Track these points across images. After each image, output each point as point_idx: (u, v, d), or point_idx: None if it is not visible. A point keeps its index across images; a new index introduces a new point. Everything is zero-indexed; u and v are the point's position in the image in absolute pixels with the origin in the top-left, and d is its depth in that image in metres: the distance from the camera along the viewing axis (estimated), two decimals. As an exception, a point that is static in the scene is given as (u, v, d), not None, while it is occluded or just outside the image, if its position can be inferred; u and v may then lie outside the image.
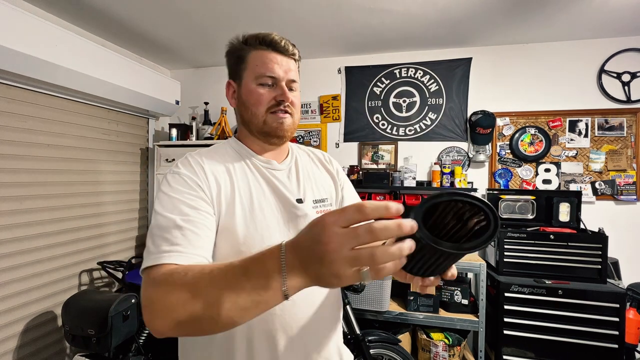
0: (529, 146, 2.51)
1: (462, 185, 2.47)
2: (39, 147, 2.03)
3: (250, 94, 0.74)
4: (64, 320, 1.79)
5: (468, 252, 0.42)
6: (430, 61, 2.67)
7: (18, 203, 1.92)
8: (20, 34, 1.66)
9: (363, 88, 2.80)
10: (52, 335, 2.11)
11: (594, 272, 2.06)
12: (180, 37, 2.47)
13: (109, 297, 1.81)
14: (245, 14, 2.12)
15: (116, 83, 2.24)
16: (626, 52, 2.36)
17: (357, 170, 2.67)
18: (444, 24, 2.22)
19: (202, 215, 0.65)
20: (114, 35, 2.43)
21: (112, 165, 2.55)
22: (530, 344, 2.01)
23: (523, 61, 2.52)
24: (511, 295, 2.04)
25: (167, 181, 0.69)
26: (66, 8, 2.05)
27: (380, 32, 2.36)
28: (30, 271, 1.99)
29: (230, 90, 0.80)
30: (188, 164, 0.72)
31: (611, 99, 2.40)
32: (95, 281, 2.43)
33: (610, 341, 1.91)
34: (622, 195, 2.37)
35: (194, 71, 3.19)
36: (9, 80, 1.82)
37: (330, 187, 0.89)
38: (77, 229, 2.28)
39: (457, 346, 2.10)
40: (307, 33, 2.39)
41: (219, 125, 2.77)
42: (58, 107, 2.14)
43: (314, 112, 2.91)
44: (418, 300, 2.19)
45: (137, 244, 2.82)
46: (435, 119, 2.67)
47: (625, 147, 2.38)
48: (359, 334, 1.69)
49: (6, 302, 1.86)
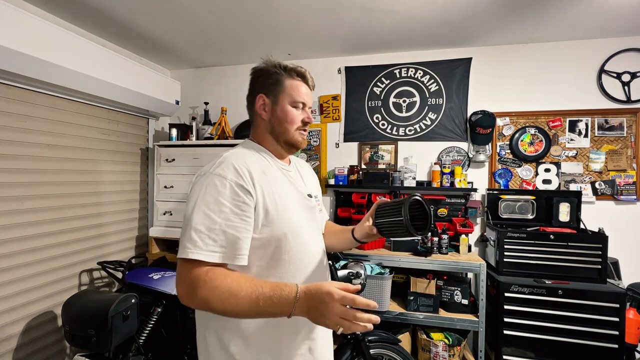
0: (529, 146, 2.51)
1: (462, 185, 2.47)
2: (39, 147, 2.04)
3: (286, 113, 0.94)
4: (64, 320, 1.79)
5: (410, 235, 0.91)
6: (430, 61, 2.67)
7: (18, 203, 1.92)
8: (21, 34, 1.66)
9: (363, 88, 2.80)
10: (52, 335, 2.11)
11: (594, 272, 2.06)
12: (180, 37, 2.48)
13: (109, 297, 1.81)
14: (245, 14, 2.12)
15: (116, 83, 2.24)
16: (626, 52, 2.36)
17: (357, 170, 2.67)
18: (444, 24, 2.22)
19: (244, 221, 0.80)
20: (114, 35, 2.43)
21: (112, 165, 2.55)
22: (530, 344, 2.01)
23: (523, 61, 2.52)
24: (511, 295, 2.04)
25: (215, 184, 0.80)
26: (66, 8, 2.05)
27: (381, 32, 2.36)
28: (30, 271, 1.99)
29: (260, 102, 0.96)
30: (233, 169, 0.82)
31: (611, 99, 2.40)
32: (95, 281, 2.43)
33: (610, 341, 1.91)
34: (622, 195, 2.37)
35: (194, 71, 3.19)
36: (9, 80, 1.82)
37: (317, 185, 1.17)
38: (77, 229, 2.28)
39: (457, 346, 2.10)
40: (307, 33, 2.39)
41: (218, 125, 2.77)
42: (58, 107, 2.14)
43: (314, 112, 2.91)
44: (418, 300, 2.19)
45: (137, 244, 2.82)
46: (435, 119, 2.67)
47: (625, 147, 2.38)
48: (358, 334, 1.69)
49: (6, 302, 1.86)
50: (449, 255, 2.29)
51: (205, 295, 0.72)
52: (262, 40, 2.52)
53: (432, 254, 2.27)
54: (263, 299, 0.71)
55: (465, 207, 2.54)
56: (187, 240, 0.76)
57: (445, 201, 2.57)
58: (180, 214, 2.58)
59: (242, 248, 0.79)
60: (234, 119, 3.00)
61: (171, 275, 2.07)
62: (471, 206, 2.54)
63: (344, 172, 2.70)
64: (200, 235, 0.75)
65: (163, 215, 2.62)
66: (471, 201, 2.56)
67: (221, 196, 0.78)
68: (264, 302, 0.71)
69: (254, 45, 2.62)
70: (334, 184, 2.71)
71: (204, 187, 0.80)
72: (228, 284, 0.72)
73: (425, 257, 2.22)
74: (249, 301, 0.71)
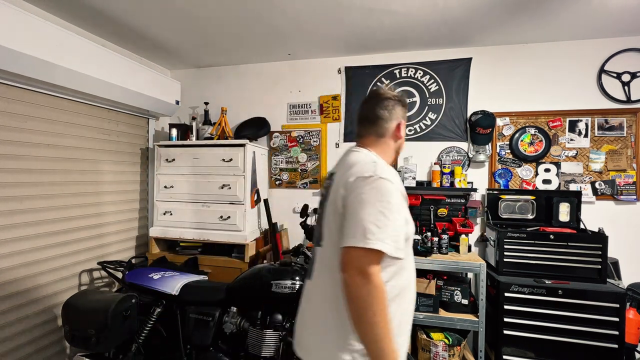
0: (529, 146, 2.51)
1: (462, 185, 2.47)
2: (39, 147, 2.04)
3: (403, 138, 1.15)
4: (64, 320, 1.79)
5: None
6: (430, 61, 2.67)
7: (18, 203, 1.92)
8: (20, 34, 1.67)
9: (363, 88, 2.80)
10: (52, 335, 2.11)
11: (594, 272, 2.06)
12: (180, 37, 2.48)
13: (109, 297, 1.81)
14: (245, 14, 2.12)
15: (116, 83, 2.24)
16: (626, 52, 2.36)
17: (357, 170, 2.67)
18: (444, 24, 2.22)
19: (403, 221, 0.93)
20: (114, 35, 2.43)
21: (112, 165, 2.55)
22: (530, 343, 2.01)
23: (523, 61, 2.52)
24: (511, 295, 2.04)
25: (386, 187, 0.91)
26: (66, 8, 2.05)
27: (380, 32, 2.36)
28: (31, 271, 1.99)
29: (400, 127, 1.13)
30: (394, 175, 0.96)
31: (611, 99, 2.40)
32: (95, 281, 2.43)
33: (610, 341, 1.91)
34: (622, 195, 2.37)
35: (194, 71, 3.19)
36: (9, 80, 1.82)
37: None
38: (77, 229, 2.28)
39: (457, 346, 2.10)
40: (307, 33, 2.39)
41: (219, 125, 2.77)
42: (58, 107, 2.14)
43: (314, 112, 2.92)
44: (418, 300, 2.19)
45: (137, 244, 2.82)
46: (435, 119, 2.67)
47: (625, 147, 2.38)
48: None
49: (6, 302, 1.87)
50: (449, 255, 2.29)
51: (377, 282, 0.84)
52: (262, 40, 2.52)
53: (432, 254, 2.27)
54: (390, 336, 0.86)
55: (465, 207, 2.54)
56: (362, 232, 0.86)
57: (445, 201, 2.57)
58: (181, 214, 2.58)
59: (401, 243, 0.91)
60: (234, 119, 3.00)
61: (171, 275, 2.07)
62: (471, 206, 2.54)
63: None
64: (375, 229, 0.85)
65: (163, 215, 2.62)
66: (471, 201, 2.56)
67: (391, 197, 0.90)
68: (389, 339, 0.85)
69: (254, 45, 2.62)
70: (334, 184, 2.70)
71: (375, 188, 0.90)
72: (384, 291, 0.86)
73: (425, 257, 2.22)
74: (387, 323, 0.85)
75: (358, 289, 0.84)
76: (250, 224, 2.54)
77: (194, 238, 2.54)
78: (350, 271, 0.85)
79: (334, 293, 0.94)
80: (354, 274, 0.85)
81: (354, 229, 0.87)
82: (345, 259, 0.87)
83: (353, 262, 0.86)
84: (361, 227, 0.86)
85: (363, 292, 0.83)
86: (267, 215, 2.65)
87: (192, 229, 2.55)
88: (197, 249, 2.60)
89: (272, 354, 1.78)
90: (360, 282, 0.84)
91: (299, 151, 2.94)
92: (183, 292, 1.95)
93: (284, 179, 2.98)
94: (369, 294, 0.83)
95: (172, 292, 1.93)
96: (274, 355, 1.78)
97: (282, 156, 2.98)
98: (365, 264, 0.84)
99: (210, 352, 1.89)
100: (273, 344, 1.79)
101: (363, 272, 0.84)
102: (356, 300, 0.84)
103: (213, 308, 1.93)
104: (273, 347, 1.79)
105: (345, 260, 0.87)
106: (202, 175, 2.55)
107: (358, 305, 0.84)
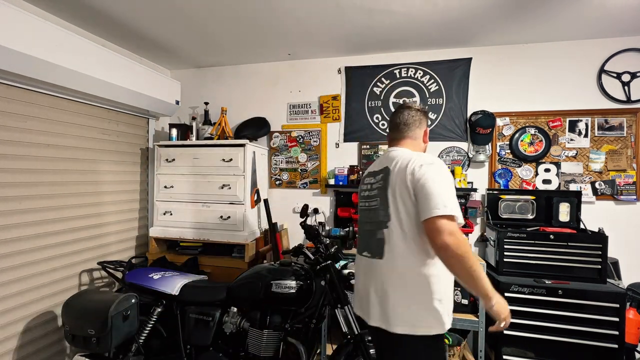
0: (529, 146, 2.51)
1: (462, 186, 2.47)
2: (39, 147, 2.04)
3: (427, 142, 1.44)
4: (64, 320, 1.79)
5: None
6: (430, 61, 2.67)
7: (17, 203, 1.92)
8: (20, 34, 1.67)
9: (363, 88, 2.80)
10: (52, 335, 2.11)
11: (593, 272, 2.06)
12: (180, 37, 2.48)
13: (109, 297, 1.81)
14: (245, 14, 2.12)
15: (116, 83, 2.24)
16: (626, 52, 2.36)
17: (357, 171, 2.67)
18: (444, 24, 2.22)
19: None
20: (114, 35, 2.43)
21: (112, 165, 2.55)
22: (530, 344, 2.01)
23: (523, 61, 2.52)
24: (511, 295, 2.04)
25: (446, 170, 1.15)
26: (66, 8, 2.05)
27: (380, 32, 2.36)
28: (31, 271, 1.99)
29: (426, 133, 1.39)
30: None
31: (611, 99, 2.40)
32: (95, 281, 2.43)
33: (610, 341, 1.91)
34: (622, 195, 2.37)
35: (194, 71, 3.19)
36: (9, 80, 1.82)
37: None
38: (77, 229, 2.28)
39: (457, 346, 2.10)
40: (307, 33, 2.39)
41: (218, 125, 2.77)
42: (58, 107, 2.14)
43: (314, 112, 2.92)
44: (418, 300, 2.19)
45: (137, 244, 2.82)
46: (435, 119, 2.67)
47: (625, 147, 2.38)
48: (358, 334, 1.69)
49: (6, 302, 1.87)
50: (449, 255, 2.29)
51: (464, 237, 1.04)
52: (262, 40, 2.52)
53: (432, 254, 2.27)
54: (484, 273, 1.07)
55: (465, 207, 2.54)
56: (442, 203, 1.05)
57: (445, 201, 2.56)
58: (181, 214, 2.58)
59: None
60: (234, 119, 3.00)
61: (171, 275, 2.07)
62: (471, 206, 2.54)
63: (344, 172, 2.70)
64: (450, 201, 1.07)
65: (163, 215, 2.62)
66: (471, 201, 2.56)
67: (450, 178, 1.14)
68: (483, 276, 1.06)
69: (254, 45, 2.62)
70: (334, 184, 2.71)
71: (440, 171, 1.13)
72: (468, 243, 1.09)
73: (425, 257, 2.22)
74: (479, 267, 1.04)
75: (455, 248, 1.01)
76: (250, 224, 2.54)
77: (194, 238, 2.55)
78: (443, 235, 1.03)
79: (414, 262, 1.14)
80: (447, 236, 1.02)
81: (435, 202, 1.06)
82: (436, 226, 1.04)
83: (443, 227, 1.03)
84: (441, 199, 1.06)
85: (460, 249, 1.01)
86: (267, 215, 2.65)
87: (192, 229, 2.56)
88: (197, 249, 2.61)
89: (272, 354, 1.78)
90: (454, 241, 1.01)
91: (299, 151, 2.94)
92: (183, 292, 1.95)
93: (284, 179, 2.98)
94: (464, 249, 1.01)
95: (172, 292, 1.93)
96: (273, 355, 1.78)
97: (282, 156, 2.98)
98: (452, 226, 1.04)
99: (210, 352, 1.89)
100: (273, 344, 1.79)
101: (453, 233, 1.02)
102: (456, 256, 1.02)
103: (213, 308, 1.94)
104: (273, 347, 1.79)
105: (436, 228, 1.04)
106: (202, 175, 2.55)
107: (459, 260, 1.02)
